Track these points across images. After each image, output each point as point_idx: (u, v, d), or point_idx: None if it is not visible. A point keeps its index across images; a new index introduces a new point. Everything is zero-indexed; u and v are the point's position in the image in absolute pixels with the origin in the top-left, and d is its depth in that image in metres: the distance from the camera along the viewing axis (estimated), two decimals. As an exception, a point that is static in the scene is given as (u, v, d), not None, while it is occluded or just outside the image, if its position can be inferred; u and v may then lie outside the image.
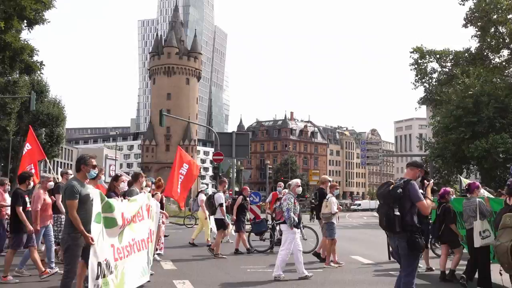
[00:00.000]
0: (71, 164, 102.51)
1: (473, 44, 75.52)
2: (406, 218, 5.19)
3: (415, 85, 40.66)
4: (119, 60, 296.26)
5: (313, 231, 13.02)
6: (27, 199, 8.42)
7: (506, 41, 36.78)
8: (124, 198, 7.10)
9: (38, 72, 31.29)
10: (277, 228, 12.37)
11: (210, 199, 12.14)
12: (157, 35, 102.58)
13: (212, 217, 13.00)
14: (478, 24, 36.66)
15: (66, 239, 5.64)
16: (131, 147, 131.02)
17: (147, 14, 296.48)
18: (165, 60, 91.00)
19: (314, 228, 13.20)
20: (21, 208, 8.13)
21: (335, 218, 10.61)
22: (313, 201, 13.47)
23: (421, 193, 5.36)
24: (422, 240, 5.27)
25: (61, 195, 8.78)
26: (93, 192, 5.66)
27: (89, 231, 5.52)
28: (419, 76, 40.35)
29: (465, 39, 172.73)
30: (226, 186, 12.79)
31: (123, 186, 7.93)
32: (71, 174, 10.74)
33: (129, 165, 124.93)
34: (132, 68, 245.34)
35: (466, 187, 8.67)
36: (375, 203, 47.99)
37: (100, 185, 8.79)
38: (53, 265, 8.72)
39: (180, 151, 13.82)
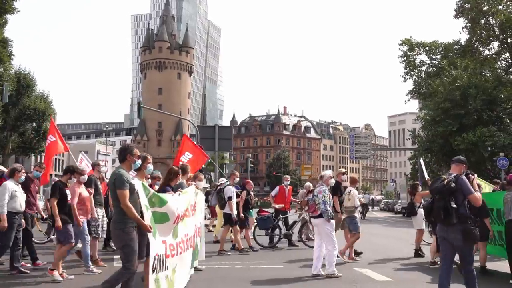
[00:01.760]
0: (62, 160, 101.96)
1: (463, 37, 75.34)
2: (461, 210, 5.58)
3: (404, 78, 40.34)
4: (113, 55, 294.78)
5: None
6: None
7: (496, 32, 36.42)
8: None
9: (7, 63, 30.64)
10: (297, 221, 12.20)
11: (220, 192, 11.83)
12: (148, 29, 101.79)
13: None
14: (469, 15, 36.29)
15: (121, 236, 5.27)
16: (124, 142, 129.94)
17: (140, 9, 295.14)
18: (156, 54, 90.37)
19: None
20: (56, 201, 7.83)
21: (357, 212, 10.43)
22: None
23: None
24: (477, 231, 5.60)
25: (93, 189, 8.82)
26: (136, 183, 5.33)
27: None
28: (408, 68, 40.00)
29: (455, 31, 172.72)
30: (237, 179, 12.12)
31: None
32: (102, 166, 10.33)
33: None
34: (126, 63, 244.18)
35: (505, 180, 8.83)
36: (368, 198, 47.97)
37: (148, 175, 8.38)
38: (90, 263, 8.40)
39: (185, 139, 13.15)
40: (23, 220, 8.57)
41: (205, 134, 23.76)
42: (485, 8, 35.55)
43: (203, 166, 23.85)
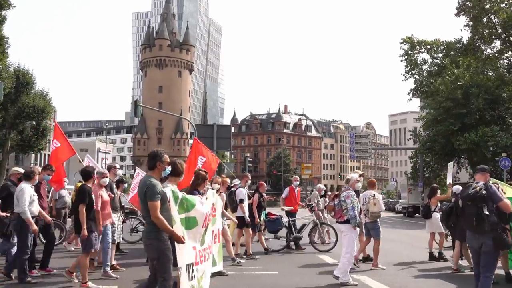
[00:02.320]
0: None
1: (465, 35, 74.86)
2: (492, 217, 5.66)
3: (405, 77, 39.96)
4: (114, 53, 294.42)
5: (332, 228, 12.58)
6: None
7: (499, 31, 36.03)
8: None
9: (2, 60, 30.37)
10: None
11: (231, 194, 11.28)
12: (148, 27, 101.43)
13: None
14: (471, 13, 35.91)
15: (156, 246, 5.04)
16: (124, 140, 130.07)
17: (141, 6, 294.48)
18: (156, 52, 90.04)
19: (329, 225, 12.83)
20: (84, 207, 7.41)
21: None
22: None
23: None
24: (509, 238, 5.70)
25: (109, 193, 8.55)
26: (167, 191, 5.20)
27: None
28: (409, 67, 39.63)
29: (457, 30, 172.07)
30: (249, 181, 11.69)
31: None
32: (118, 168, 9.98)
33: (122, 159, 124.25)
34: (127, 61, 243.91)
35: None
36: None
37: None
38: (108, 268, 8.21)
39: (195, 143, 12.55)
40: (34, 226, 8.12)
41: (203, 133, 23.42)
42: (487, 6, 35.14)
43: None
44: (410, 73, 39.71)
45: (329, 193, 14.13)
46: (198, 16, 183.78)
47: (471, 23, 36.45)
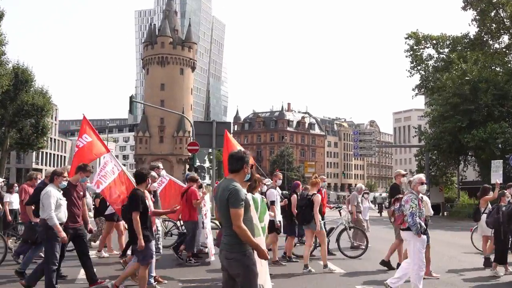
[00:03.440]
0: (64, 156, 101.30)
1: (472, 30, 73.87)
2: None
3: (410, 73, 39.06)
4: (117, 51, 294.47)
5: (361, 231, 12.09)
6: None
7: (507, 24, 35.12)
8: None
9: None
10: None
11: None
12: (150, 24, 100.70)
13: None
14: (478, 7, 35.01)
15: (241, 261, 4.44)
16: (127, 139, 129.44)
17: (144, 4, 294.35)
18: (158, 49, 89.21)
19: (357, 228, 12.28)
20: (138, 215, 6.69)
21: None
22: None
23: None
24: None
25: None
26: (249, 197, 4.70)
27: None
28: (414, 63, 38.71)
29: (464, 24, 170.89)
30: (279, 181, 10.68)
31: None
32: (162, 169, 9.13)
33: (125, 157, 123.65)
34: (130, 59, 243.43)
35: None
36: (373, 196, 46.72)
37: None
38: (153, 280, 7.54)
39: (227, 135, 11.02)
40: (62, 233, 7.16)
41: (201, 131, 22.75)
42: (494, 0, 34.26)
43: (198, 162, 22.88)
44: (416, 69, 38.79)
45: (375, 193, 13.41)
46: (201, 13, 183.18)
47: (478, 17, 35.57)
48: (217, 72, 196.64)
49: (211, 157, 24.92)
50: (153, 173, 8.00)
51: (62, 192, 7.22)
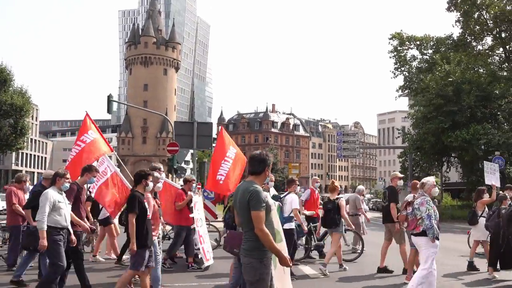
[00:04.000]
0: (45, 157, 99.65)
1: (456, 31, 74.43)
2: None
3: (394, 74, 38.94)
4: (100, 51, 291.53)
5: (357, 234, 11.88)
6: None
7: (490, 26, 35.19)
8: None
9: None
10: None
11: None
12: (133, 24, 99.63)
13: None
14: (462, 8, 35.04)
15: (257, 268, 4.25)
16: (110, 140, 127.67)
17: (128, 4, 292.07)
18: (141, 49, 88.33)
19: (354, 231, 11.85)
20: (135, 218, 6.30)
21: None
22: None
23: None
24: None
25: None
26: (270, 201, 4.50)
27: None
28: (398, 64, 38.62)
29: (448, 26, 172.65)
30: (297, 188, 10.00)
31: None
32: (163, 171, 8.57)
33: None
34: (113, 59, 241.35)
35: None
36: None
37: None
38: (159, 286, 7.11)
39: (222, 132, 10.90)
40: (72, 236, 6.78)
41: (182, 131, 22.10)
42: (478, 1, 34.29)
43: (178, 163, 22.25)
44: (399, 69, 38.71)
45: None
46: (186, 14, 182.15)
47: (462, 18, 35.63)
48: (201, 72, 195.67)
49: (196, 157, 24.26)
50: (156, 174, 7.55)
51: (65, 194, 6.81)
